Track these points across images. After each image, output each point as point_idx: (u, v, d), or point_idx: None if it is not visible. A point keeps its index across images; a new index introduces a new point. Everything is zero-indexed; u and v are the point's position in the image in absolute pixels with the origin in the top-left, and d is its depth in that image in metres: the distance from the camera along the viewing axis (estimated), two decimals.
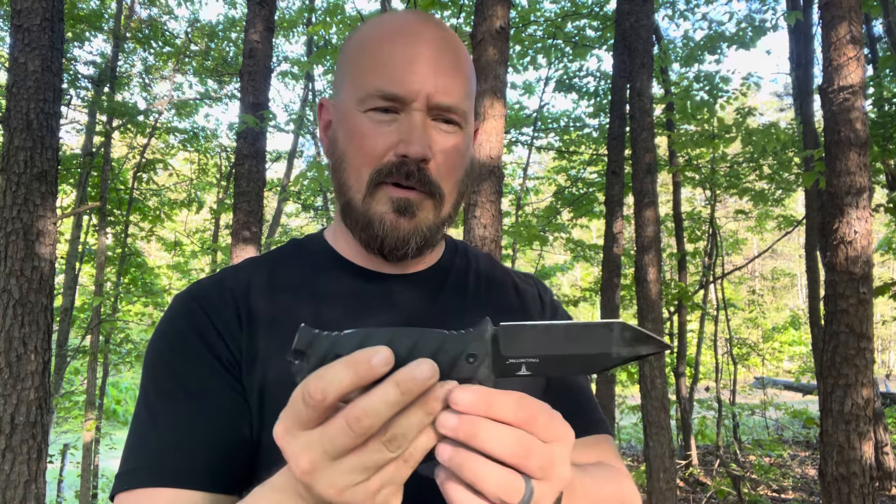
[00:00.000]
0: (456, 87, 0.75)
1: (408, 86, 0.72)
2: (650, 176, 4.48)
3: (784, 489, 7.46)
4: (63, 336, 7.57)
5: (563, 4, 8.23)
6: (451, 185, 0.78)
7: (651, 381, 4.31)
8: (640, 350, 0.50)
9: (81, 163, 7.97)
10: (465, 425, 0.45)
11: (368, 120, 0.74)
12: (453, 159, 0.77)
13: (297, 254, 0.87)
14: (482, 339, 0.49)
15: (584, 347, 0.50)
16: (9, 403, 3.12)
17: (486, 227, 2.90)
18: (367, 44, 0.77)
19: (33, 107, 3.26)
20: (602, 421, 0.86)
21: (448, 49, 0.76)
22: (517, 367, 0.50)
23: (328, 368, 0.45)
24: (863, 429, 3.03)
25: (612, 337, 0.50)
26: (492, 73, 2.99)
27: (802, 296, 24.92)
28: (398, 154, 0.73)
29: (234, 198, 4.19)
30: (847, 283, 3.08)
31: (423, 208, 0.76)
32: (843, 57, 3.09)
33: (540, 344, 0.50)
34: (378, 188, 0.75)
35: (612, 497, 0.68)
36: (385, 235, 0.75)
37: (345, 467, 0.45)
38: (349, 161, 0.77)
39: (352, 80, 0.77)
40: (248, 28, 4.38)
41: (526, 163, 9.66)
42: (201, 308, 0.76)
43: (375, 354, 0.44)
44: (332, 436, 0.45)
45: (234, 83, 10.20)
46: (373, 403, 0.44)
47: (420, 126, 0.73)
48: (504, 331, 0.50)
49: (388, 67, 0.73)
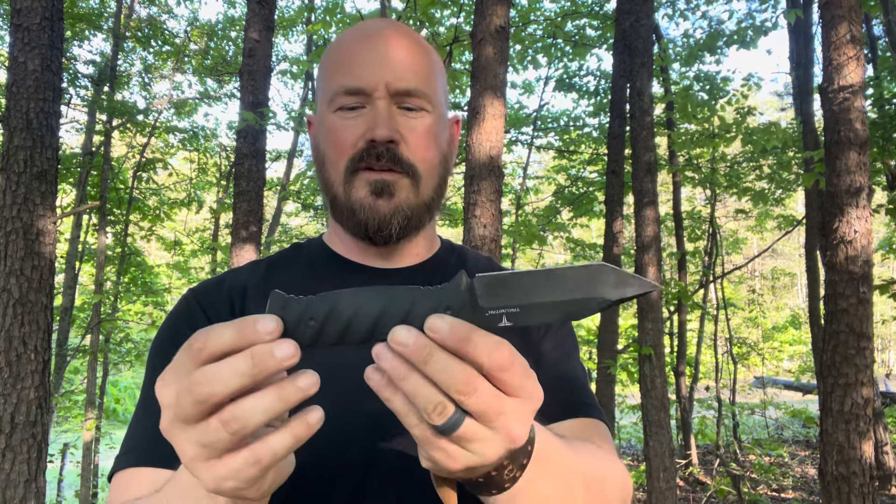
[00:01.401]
0: (414, 74, 0.80)
1: (366, 78, 0.78)
2: (650, 175, 4.48)
3: (784, 488, 7.46)
4: (63, 335, 7.57)
5: (562, 4, 8.23)
6: (426, 165, 0.81)
7: (651, 381, 4.31)
8: (625, 291, 0.48)
9: (81, 162, 7.97)
10: (418, 349, 0.44)
11: (338, 118, 0.80)
12: (424, 140, 0.80)
13: (294, 255, 0.91)
14: (458, 291, 0.47)
15: (568, 293, 0.48)
16: (9, 403, 3.12)
17: (486, 227, 2.90)
18: (333, 51, 0.83)
19: (33, 106, 3.26)
20: (593, 406, 0.85)
21: (404, 42, 0.81)
22: (497, 319, 0.47)
23: (214, 327, 0.44)
24: (863, 428, 3.03)
25: (596, 280, 0.48)
26: (491, 73, 2.99)
27: (802, 295, 24.93)
28: (367, 140, 0.77)
29: (234, 197, 4.19)
30: (847, 282, 3.08)
31: (401, 188, 0.79)
32: (843, 56, 3.09)
33: (520, 292, 0.47)
34: (355, 175, 0.79)
35: (595, 473, 0.66)
36: (367, 218, 0.79)
37: (191, 436, 0.44)
38: (327, 158, 0.82)
39: (323, 86, 0.84)
40: (247, 27, 4.38)
41: (526, 162, 9.66)
42: (199, 305, 0.81)
43: (264, 320, 0.43)
44: (180, 401, 0.44)
45: (233, 82, 10.20)
46: (220, 371, 0.42)
47: (384, 112, 0.78)
48: (481, 281, 0.47)
49: (349, 65, 0.79)
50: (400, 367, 0.45)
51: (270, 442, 0.44)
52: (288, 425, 0.45)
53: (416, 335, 0.44)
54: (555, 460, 0.58)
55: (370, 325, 0.46)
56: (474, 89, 3.04)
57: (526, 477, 0.54)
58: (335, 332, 0.46)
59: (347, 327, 0.46)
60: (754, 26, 7.07)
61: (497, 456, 0.48)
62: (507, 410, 0.46)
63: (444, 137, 0.85)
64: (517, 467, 0.53)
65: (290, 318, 0.45)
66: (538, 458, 0.55)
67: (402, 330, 0.44)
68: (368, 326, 0.46)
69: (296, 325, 0.45)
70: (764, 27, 7.03)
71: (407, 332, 0.44)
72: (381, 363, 0.45)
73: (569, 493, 0.60)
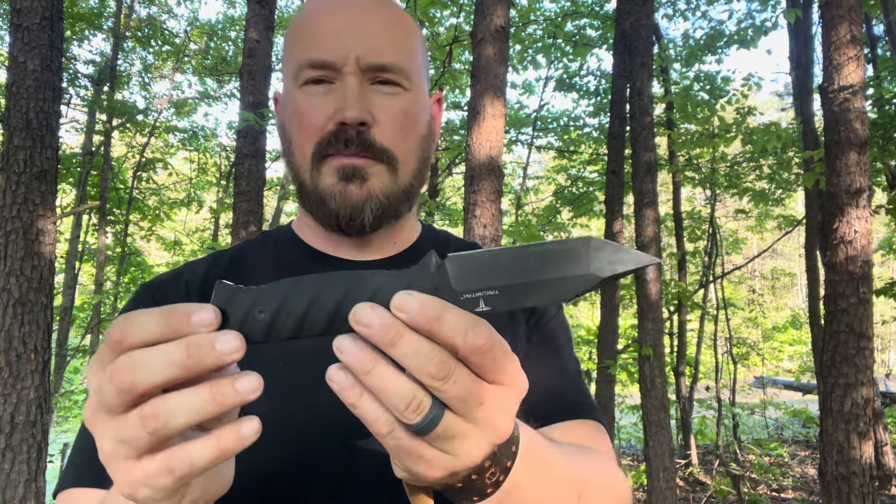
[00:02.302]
0: (390, 46, 0.71)
1: (335, 51, 0.70)
2: (650, 175, 4.48)
3: (784, 488, 7.46)
4: (63, 335, 7.57)
5: (562, 4, 8.23)
6: (404, 148, 0.73)
7: (651, 381, 4.31)
8: (618, 267, 0.41)
9: (81, 162, 7.97)
10: (385, 330, 0.39)
11: (304, 95, 0.72)
12: (400, 121, 0.72)
13: (262, 244, 0.85)
14: (427, 273, 0.41)
15: (554, 270, 0.41)
16: (8, 402, 3.12)
17: (486, 227, 2.90)
18: (299, 21, 0.75)
19: (33, 106, 3.26)
20: (589, 405, 0.78)
21: (378, 10, 0.73)
22: (474, 303, 0.41)
23: (142, 311, 0.39)
24: (862, 428, 3.03)
25: (585, 254, 0.41)
26: (492, 73, 2.99)
27: (802, 295, 24.93)
28: (335, 122, 0.70)
29: (234, 197, 4.19)
30: (847, 282, 3.08)
31: (375, 173, 0.71)
32: (843, 56, 3.10)
33: (499, 272, 0.41)
34: (323, 161, 0.71)
35: (590, 480, 0.60)
36: (338, 207, 0.71)
37: (112, 427, 0.39)
38: (294, 141, 0.74)
39: (288, 60, 0.75)
40: (247, 27, 4.38)
41: (526, 162, 9.66)
42: (153, 300, 0.75)
43: (201, 311, 0.38)
44: (103, 388, 0.38)
45: (233, 82, 10.20)
46: (148, 358, 0.37)
47: (354, 90, 0.70)
48: (454, 261, 0.42)
49: (315, 37, 0.71)
50: (364, 357, 0.39)
51: (189, 449, 0.38)
52: (213, 433, 0.38)
53: (381, 314, 0.39)
54: (543, 464, 0.52)
55: (329, 314, 0.40)
56: (474, 89, 3.04)
57: (511, 481, 0.48)
58: (290, 325, 0.40)
59: (303, 318, 0.40)
60: (754, 26, 7.07)
61: (481, 455, 0.43)
62: (489, 399, 0.41)
63: (423, 117, 0.77)
64: (500, 470, 0.47)
65: (237, 310, 0.40)
66: (524, 460, 0.49)
67: (366, 308, 0.39)
68: (327, 316, 0.40)
69: (244, 317, 0.40)
70: (764, 27, 7.03)
71: (371, 311, 0.39)
72: (344, 356, 0.39)
73: (560, 502, 0.54)
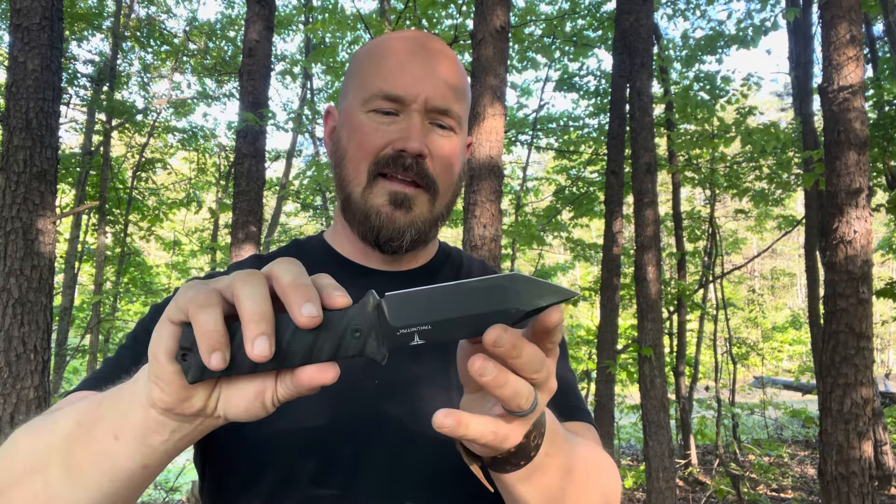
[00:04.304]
0: (452, 94, 0.82)
1: (408, 88, 0.79)
2: (650, 175, 4.48)
3: (783, 488, 7.46)
4: (62, 335, 7.57)
5: (560, 4, 8.23)
6: (446, 183, 0.83)
7: (650, 381, 4.31)
8: (538, 302, 0.47)
9: (80, 162, 7.97)
10: (510, 345, 0.46)
11: (370, 119, 0.81)
12: (449, 159, 0.83)
13: (295, 252, 0.91)
14: (364, 312, 0.47)
15: (480, 305, 0.47)
16: (8, 403, 3.11)
17: (485, 227, 2.90)
18: (375, 53, 0.84)
19: (32, 106, 3.26)
20: (584, 410, 0.86)
21: (445, 62, 0.83)
22: (409, 338, 0.47)
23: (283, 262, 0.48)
24: (862, 428, 3.03)
25: (509, 290, 0.47)
26: (492, 73, 2.99)
27: (802, 295, 24.93)
28: (396, 149, 0.79)
29: (234, 197, 4.19)
30: (846, 282, 3.08)
31: (419, 203, 0.81)
32: (842, 56, 3.10)
33: (430, 309, 0.47)
34: (377, 180, 0.80)
35: (596, 461, 0.69)
36: (381, 226, 0.80)
37: None
38: (349, 156, 0.82)
39: (358, 85, 0.84)
40: (247, 27, 4.37)
41: (525, 162, 9.65)
42: None
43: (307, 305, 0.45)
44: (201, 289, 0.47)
45: (232, 82, 10.20)
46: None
47: (418, 125, 0.79)
48: (389, 300, 0.47)
49: (391, 72, 0.80)
50: (495, 366, 0.47)
51: (203, 315, 0.45)
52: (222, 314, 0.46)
53: (511, 333, 0.46)
54: (560, 433, 0.60)
55: (280, 354, 0.46)
56: (474, 89, 3.04)
57: (544, 447, 0.57)
58: (247, 362, 0.46)
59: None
60: (754, 26, 7.06)
61: (540, 412, 0.53)
62: (552, 369, 0.51)
63: (463, 158, 0.88)
64: (539, 434, 0.55)
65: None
66: (549, 432, 0.57)
67: (498, 329, 0.46)
68: (278, 356, 0.46)
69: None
70: (764, 27, 7.02)
71: (503, 332, 0.46)
72: (478, 371, 0.47)
73: (576, 474, 0.62)
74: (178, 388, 0.47)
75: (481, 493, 0.70)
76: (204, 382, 0.48)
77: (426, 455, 0.74)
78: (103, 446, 0.53)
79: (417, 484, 0.73)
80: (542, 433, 0.56)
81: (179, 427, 0.51)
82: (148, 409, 0.50)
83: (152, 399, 0.49)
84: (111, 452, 0.52)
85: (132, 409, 0.51)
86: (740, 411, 9.77)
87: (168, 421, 0.50)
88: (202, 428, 0.52)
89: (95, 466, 0.53)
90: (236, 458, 0.75)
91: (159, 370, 0.47)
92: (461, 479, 0.72)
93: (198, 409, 0.49)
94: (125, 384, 0.54)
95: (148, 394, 0.49)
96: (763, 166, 7.76)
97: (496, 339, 0.45)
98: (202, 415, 0.50)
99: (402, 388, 0.77)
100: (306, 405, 0.73)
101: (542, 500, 0.59)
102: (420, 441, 0.74)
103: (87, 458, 0.54)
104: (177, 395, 0.48)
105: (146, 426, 0.50)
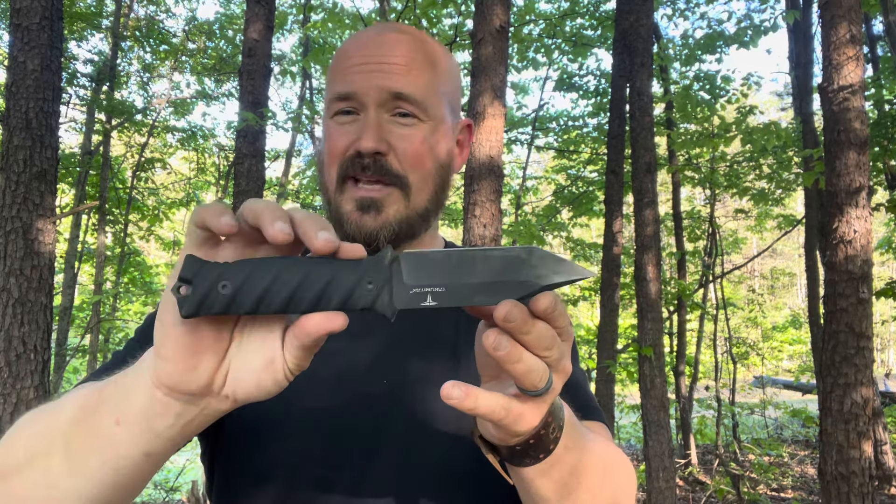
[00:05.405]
0: (408, 78, 0.78)
1: (359, 83, 0.77)
2: (650, 175, 4.48)
3: (783, 488, 7.46)
4: (62, 335, 7.57)
5: (560, 4, 8.23)
6: (419, 175, 0.79)
7: (651, 381, 4.31)
8: (553, 278, 0.47)
9: (80, 162, 7.97)
10: (521, 320, 0.46)
11: (334, 123, 0.80)
12: (416, 149, 0.78)
13: None
14: (381, 265, 0.46)
15: (496, 274, 0.46)
16: (8, 403, 3.11)
17: (485, 227, 2.90)
18: (336, 55, 0.84)
19: (32, 105, 3.26)
20: (595, 408, 0.85)
21: (402, 46, 0.79)
22: (422, 297, 0.46)
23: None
24: (862, 428, 3.03)
25: (526, 263, 0.47)
26: (491, 72, 2.99)
27: (802, 295, 24.94)
28: (354, 150, 0.77)
29: (234, 196, 4.19)
30: (846, 282, 3.08)
31: (389, 202, 0.78)
32: (842, 56, 3.09)
33: (447, 272, 0.46)
34: (346, 185, 0.79)
35: (613, 457, 0.68)
36: (353, 233, 0.79)
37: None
38: (325, 163, 0.82)
39: (326, 93, 0.84)
40: (247, 27, 4.37)
41: (525, 162, 9.65)
42: None
43: (323, 231, 0.45)
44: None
45: (231, 82, 10.19)
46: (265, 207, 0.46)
47: (372, 121, 0.77)
48: (407, 257, 0.46)
49: (345, 71, 0.79)
50: (509, 341, 0.47)
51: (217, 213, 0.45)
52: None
53: (521, 309, 0.46)
54: (577, 426, 0.60)
55: (287, 295, 0.44)
56: (474, 89, 3.04)
57: (562, 442, 0.56)
58: (249, 301, 0.44)
59: (263, 296, 0.44)
60: (754, 26, 7.06)
61: (555, 394, 0.52)
62: (566, 350, 0.50)
63: (442, 145, 0.82)
64: (557, 427, 0.55)
65: (203, 282, 0.43)
66: (567, 426, 0.57)
67: (509, 304, 0.46)
68: (285, 297, 0.44)
69: (208, 289, 0.43)
70: (763, 27, 7.02)
71: (515, 308, 0.46)
72: (493, 345, 0.47)
73: (593, 470, 0.62)
74: (181, 348, 0.46)
75: (491, 493, 0.71)
76: (209, 352, 0.47)
77: (436, 455, 0.74)
78: (105, 431, 0.51)
79: (427, 484, 0.73)
80: (561, 426, 0.56)
81: (185, 410, 0.49)
82: (153, 389, 0.48)
83: (157, 375, 0.48)
84: (113, 438, 0.51)
85: (136, 391, 0.50)
86: (740, 411, 9.77)
87: (173, 402, 0.48)
88: (208, 412, 0.50)
89: (96, 453, 0.52)
90: (245, 457, 0.75)
91: (162, 332, 0.47)
92: (471, 479, 0.72)
93: (204, 384, 0.48)
94: (129, 368, 0.53)
95: (153, 371, 0.48)
96: (763, 166, 7.76)
97: (507, 313, 0.45)
98: (209, 393, 0.48)
99: (411, 387, 0.77)
100: (316, 403, 0.74)
101: (560, 494, 0.59)
102: (430, 441, 0.74)
103: (87, 444, 0.52)
104: (182, 361, 0.46)
105: (150, 408, 0.49)
